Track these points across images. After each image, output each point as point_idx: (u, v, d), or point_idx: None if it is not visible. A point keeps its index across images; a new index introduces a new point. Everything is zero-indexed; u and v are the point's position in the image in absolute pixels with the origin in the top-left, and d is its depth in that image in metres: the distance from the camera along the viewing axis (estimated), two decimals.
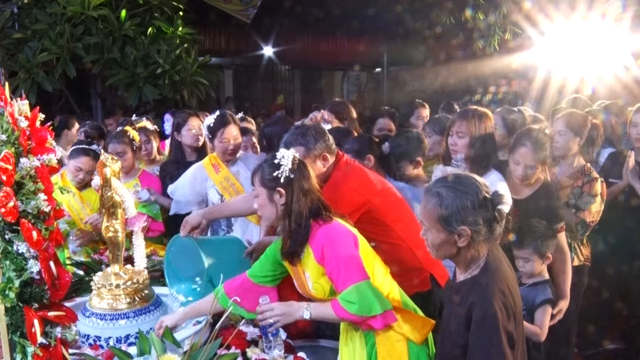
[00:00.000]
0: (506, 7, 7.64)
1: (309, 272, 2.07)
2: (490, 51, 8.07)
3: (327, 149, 2.50)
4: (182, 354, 1.76)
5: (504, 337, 1.67)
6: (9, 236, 1.36)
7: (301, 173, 2.06)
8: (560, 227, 2.79)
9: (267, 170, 2.06)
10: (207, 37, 9.36)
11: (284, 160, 2.04)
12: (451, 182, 1.76)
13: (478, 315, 1.69)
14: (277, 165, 2.03)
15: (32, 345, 1.35)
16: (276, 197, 2.04)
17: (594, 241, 3.24)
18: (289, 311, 2.03)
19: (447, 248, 1.76)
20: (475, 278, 1.77)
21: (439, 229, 1.73)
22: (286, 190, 2.03)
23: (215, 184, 3.24)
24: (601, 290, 3.56)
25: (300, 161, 2.11)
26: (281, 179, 2.02)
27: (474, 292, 1.73)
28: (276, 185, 2.03)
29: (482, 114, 2.89)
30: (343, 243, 2.01)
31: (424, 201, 1.80)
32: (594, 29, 6.32)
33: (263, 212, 2.12)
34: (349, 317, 1.96)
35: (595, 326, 3.60)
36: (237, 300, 2.09)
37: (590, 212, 2.99)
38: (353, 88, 15.51)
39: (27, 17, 6.21)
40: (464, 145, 2.83)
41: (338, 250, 1.99)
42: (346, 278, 1.95)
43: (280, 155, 2.06)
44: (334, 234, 2.02)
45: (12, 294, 1.33)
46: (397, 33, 9.86)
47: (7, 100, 1.43)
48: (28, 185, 1.38)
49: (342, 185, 2.48)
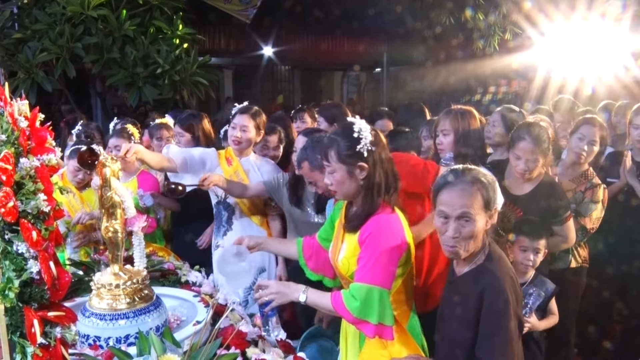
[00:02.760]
0: (506, 7, 7.64)
1: (347, 245, 2.05)
2: (490, 51, 8.08)
3: None
4: (182, 354, 1.76)
5: (514, 322, 1.71)
6: (9, 236, 1.36)
7: (380, 143, 2.00)
8: (567, 216, 2.77)
9: (344, 145, 1.97)
10: (207, 37, 9.35)
11: (363, 132, 1.96)
12: (464, 169, 1.84)
13: (491, 301, 1.71)
14: (356, 139, 1.95)
15: (32, 346, 1.34)
16: (357, 171, 1.98)
17: (593, 241, 3.24)
18: (285, 291, 2.02)
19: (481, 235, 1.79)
20: (482, 266, 1.79)
21: (481, 214, 1.76)
22: (368, 163, 1.96)
23: (224, 175, 3.25)
24: (601, 290, 3.55)
25: (376, 131, 2.05)
26: (364, 153, 1.95)
27: (484, 279, 1.75)
28: (357, 160, 1.96)
29: (465, 111, 2.92)
30: (388, 243, 1.94)
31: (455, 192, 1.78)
32: (594, 29, 6.32)
33: (340, 188, 2.03)
34: (344, 312, 1.94)
35: (595, 326, 3.60)
36: (304, 253, 2.23)
37: (590, 219, 2.98)
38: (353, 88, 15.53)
39: (27, 17, 6.20)
40: (449, 143, 2.86)
41: (379, 246, 1.93)
42: (367, 274, 1.92)
43: (358, 127, 1.97)
44: (386, 230, 1.96)
45: (11, 294, 1.33)
46: (397, 33, 9.87)
47: (6, 100, 1.43)
48: (28, 185, 1.38)
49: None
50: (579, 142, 3.14)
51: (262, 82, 13.81)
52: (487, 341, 1.71)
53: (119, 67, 6.34)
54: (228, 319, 2.06)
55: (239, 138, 3.20)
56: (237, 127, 3.21)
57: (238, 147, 3.25)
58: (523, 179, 2.81)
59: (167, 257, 3.07)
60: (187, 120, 3.74)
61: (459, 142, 2.83)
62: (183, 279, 2.65)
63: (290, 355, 2.00)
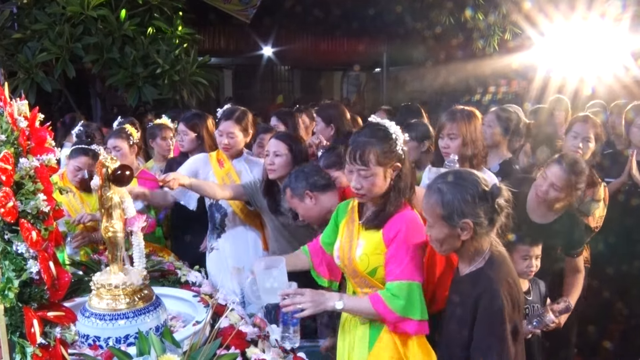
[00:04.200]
0: (506, 7, 7.65)
1: (365, 242, 2.05)
2: (490, 51, 8.08)
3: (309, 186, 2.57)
4: (181, 354, 1.76)
5: (509, 328, 1.72)
6: (8, 236, 1.36)
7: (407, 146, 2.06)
8: (580, 251, 2.70)
9: (383, 147, 1.99)
10: (207, 37, 9.36)
11: (397, 135, 2.01)
12: (452, 178, 1.80)
13: (485, 305, 1.73)
14: (394, 141, 1.99)
15: (32, 346, 1.34)
16: (389, 172, 2.01)
17: (593, 241, 3.24)
18: (319, 300, 1.97)
19: (451, 242, 1.80)
20: (481, 270, 1.80)
21: (442, 224, 1.77)
22: (402, 164, 2.01)
23: (216, 177, 3.25)
24: (601, 290, 3.55)
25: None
26: (400, 153, 2.00)
27: (481, 283, 1.77)
28: (392, 160, 2.00)
29: (470, 113, 2.91)
30: (417, 239, 1.98)
31: (426, 198, 1.83)
32: (593, 29, 6.32)
33: (372, 190, 2.02)
34: (386, 312, 1.94)
35: (595, 326, 3.60)
36: (314, 262, 2.26)
37: (594, 218, 2.98)
38: (353, 88, 15.53)
39: (27, 17, 6.20)
40: (456, 147, 2.84)
41: (411, 242, 1.97)
42: (404, 271, 1.94)
43: (393, 129, 2.01)
44: (414, 226, 2.00)
45: (11, 294, 1.33)
46: (397, 33, 9.87)
47: (6, 101, 1.43)
48: (27, 185, 1.38)
49: None
50: (573, 141, 3.14)
51: (262, 82, 13.80)
52: (481, 343, 1.74)
53: (118, 67, 6.34)
54: (228, 319, 2.05)
55: (228, 145, 3.21)
56: (223, 134, 3.21)
57: (228, 153, 3.27)
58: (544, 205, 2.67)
59: (167, 257, 3.07)
60: (192, 119, 3.74)
61: (467, 146, 2.82)
62: (183, 279, 2.65)
63: (290, 355, 2.00)
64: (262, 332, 2.10)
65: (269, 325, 2.18)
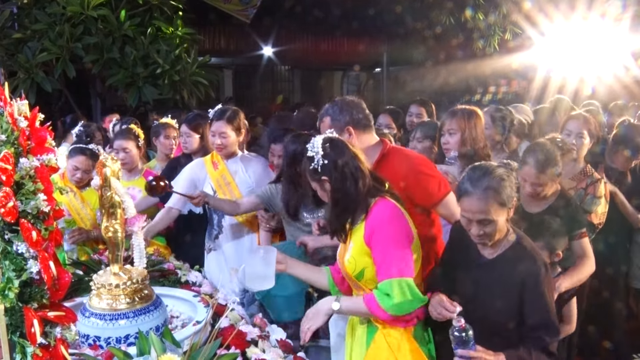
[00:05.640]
0: (506, 7, 7.65)
1: (353, 244, 2.06)
2: (490, 51, 8.09)
3: (352, 122, 2.44)
4: (181, 354, 1.76)
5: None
6: (9, 236, 1.36)
7: (336, 153, 2.01)
8: (581, 232, 2.68)
9: (307, 164, 2.04)
10: (207, 37, 9.36)
11: (315, 148, 2.01)
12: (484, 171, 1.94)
13: (533, 274, 1.90)
14: (312, 157, 2.01)
15: (32, 346, 1.34)
16: (326, 185, 2.03)
17: (593, 241, 3.23)
18: (316, 311, 2.05)
19: (504, 226, 1.96)
20: (515, 245, 1.97)
21: (501, 212, 1.92)
22: (329, 176, 2.01)
23: (211, 180, 3.25)
24: (601, 290, 3.55)
25: (331, 140, 2.05)
26: (319, 169, 2.00)
27: (522, 256, 1.94)
28: (319, 175, 2.02)
29: (471, 111, 2.93)
30: (395, 230, 1.97)
31: (472, 201, 1.92)
32: (593, 29, 6.32)
33: (326, 201, 2.09)
34: (379, 312, 1.95)
35: (595, 326, 3.60)
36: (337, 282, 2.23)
37: (596, 214, 2.98)
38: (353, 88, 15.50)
39: (27, 17, 6.21)
40: (455, 142, 2.86)
41: (390, 236, 1.96)
42: (390, 268, 1.94)
43: (311, 145, 2.03)
44: (388, 218, 1.99)
45: (11, 294, 1.33)
46: (397, 33, 9.87)
47: (6, 100, 1.43)
48: (27, 185, 1.38)
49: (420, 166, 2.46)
50: (567, 138, 3.17)
51: (262, 82, 13.78)
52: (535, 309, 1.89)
53: (118, 67, 6.34)
54: (228, 319, 2.05)
55: (221, 145, 3.21)
56: (216, 134, 3.21)
57: (221, 153, 3.27)
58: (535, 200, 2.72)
59: (167, 257, 3.07)
60: (194, 120, 3.74)
61: (465, 142, 2.83)
62: (183, 279, 2.65)
63: (290, 355, 2.00)
64: (262, 332, 2.10)
65: (269, 325, 2.18)
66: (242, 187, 3.24)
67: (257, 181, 3.28)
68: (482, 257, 2.02)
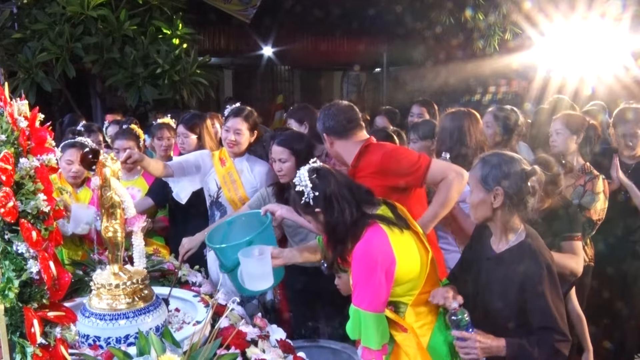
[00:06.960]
0: (506, 7, 7.64)
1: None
2: (490, 51, 8.08)
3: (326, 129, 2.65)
4: (181, 354, 1.76)
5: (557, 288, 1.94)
6: (9, 236, 1.36)
7: (324, 183, 1.99)
8: (575, 236, 2.64)
9: (297, 199, 2.02)
10: (207, 37, 9.35)
11: (303, 182, 1.99)
12: (497, 153, 2.04)
13: (533, 273, 1.92)
14: (301, 192, 1.99)
15: (32, 346, 1.34)
16: (320, 217, 2.01)
17: (593, 241, 3.24)
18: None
19: (484, 209, 2.01)
20: (522, 243, 2.00)
21: (479, 189, 2.00)
22: (321, 207, 1.98)
23: (217, 176, 3.25)
24: (601, 290, 3.55)
25: (317, 171, 2.02)
26: (310, 202, 1.98)
27: (525, 254, 1.96)
28: (312, 208, 2.00)
29: (467, 112, 3.05)
30: (370, 265, 1.91)
31: (472, 168, 2.07)
32: (593, 29, 6.32)
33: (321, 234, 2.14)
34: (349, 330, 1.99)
35: (595, 326, 3.60)
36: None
37: (595, 211, 2.99)
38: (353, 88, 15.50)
39: (27, 17, 6.20)
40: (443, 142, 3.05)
41: (363, 266, 1.93)
42: (356, 296, 1.93)
43: (298, 179, 2.01)
44: (367, 253, 1.93)
45: (11, 294, 1.33)
46: (397, 33, 9.85)
47: (6, 100, 1.43)
48: (27, 185, 1.38)
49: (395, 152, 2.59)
50: (555, 136, 3.27)
51: (262, 82, 13.77)
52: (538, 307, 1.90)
53: (118, 67, 6.34)
54: (228, 319, 2.06)
55: (234, 141, 3.21)
56: (230, 130, 3.21)
57: (232, 150, 3.26)
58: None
59: (167, 257, 3.07)
60: (191, 121, 3.73)
61: (456, 143, 2.88)
62: (183, 279, 2.65)
63: (290, 355, 2.00)
64: (262, 332, 2.10)
65: (269, 325, 2.18)
66: (247, 187, 3.25)
67: (260, 183, 3.28)
68: (492, 251, 2.07)
